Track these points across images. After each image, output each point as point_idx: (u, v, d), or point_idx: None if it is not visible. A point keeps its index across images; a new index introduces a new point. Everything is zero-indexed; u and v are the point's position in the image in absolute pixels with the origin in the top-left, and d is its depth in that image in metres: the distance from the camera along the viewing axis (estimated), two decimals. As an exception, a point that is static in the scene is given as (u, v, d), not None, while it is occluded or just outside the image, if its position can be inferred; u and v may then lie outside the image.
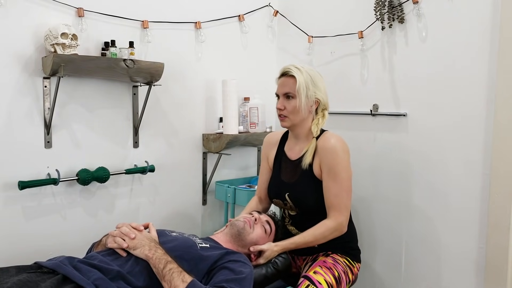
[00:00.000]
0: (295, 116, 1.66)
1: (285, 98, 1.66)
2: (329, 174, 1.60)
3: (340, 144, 1.62)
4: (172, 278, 1.22)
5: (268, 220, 1.65)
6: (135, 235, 1.34)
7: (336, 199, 1.60)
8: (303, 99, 1.63)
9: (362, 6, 2.17)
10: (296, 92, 1.63)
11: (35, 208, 1.84)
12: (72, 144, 1.91)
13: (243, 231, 1.56)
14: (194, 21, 2.26)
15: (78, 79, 1.90)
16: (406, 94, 2.05)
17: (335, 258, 1.67)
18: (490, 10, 1.75)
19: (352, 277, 1.70)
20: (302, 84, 1.62)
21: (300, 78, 1.62)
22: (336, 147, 1.61)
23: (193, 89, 2.31)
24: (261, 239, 1.59)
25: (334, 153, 1.60)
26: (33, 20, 1.75)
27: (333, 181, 1.60)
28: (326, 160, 1.61)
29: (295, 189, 1.68)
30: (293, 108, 1.64)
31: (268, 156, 1.85)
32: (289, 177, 1.71)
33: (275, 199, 1.77)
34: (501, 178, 1.74)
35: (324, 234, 1.61)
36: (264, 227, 1.62)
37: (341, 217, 1.61)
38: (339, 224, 1.61)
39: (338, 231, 1.63)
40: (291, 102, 1.64)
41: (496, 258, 1.77)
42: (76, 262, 1.25)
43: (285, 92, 1.66)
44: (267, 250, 1.57)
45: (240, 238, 1.55)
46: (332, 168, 1.60)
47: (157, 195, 2.23)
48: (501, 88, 1.72)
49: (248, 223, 1.59)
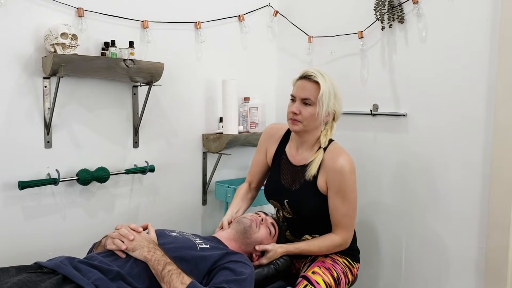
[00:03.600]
0: (309, 123, 1.58)
1: (302, 103, 1.57)
2: (337, 194, 1.58)
3: (348, 165, 1.57)
4: (171, 279, 1.21)
5: (273, 223, 1.67)
6: (133, 237, 1.34)
7: (344, 219, 1.60)
8: (324, 109, 1.56)
9: (362, 6, 2.17)
10: (316, 100, 1.54)
11: (35, 208, 1.84)
12: (72, 144, 1.91)
13: (249, 229, 1.57)
14: (194, 21, 2.26)
15: (78, 79, 1.90)
16: (406, 94, 2.05)
17: (334, 258, 1.67)
18: (490, 10, 1.75)
19: (352, 277, 1.70)
20: (326, 93, 1.54)
21: (324, 87, 1.54)
22: (345, 168, 1.56)
23: (193, 89, 2.31)
24: (265, 239, 1.60)
25: (342, 174, 1.56)
26: (33, 20, 1.75)
27: (342, 202, 1.58)
28: (334, 181, 1.58)
29: (296, 198, 1.65)
30: (310, 115, 1.56)
31: (267, 149, 1.79)
32: (290, 183, 1.68)
33: (272, 200, 1.76)
34: (501, 178, 1.74)
35: (328, 248, 1.63)
36: (269, 228, 1.63)
37: (348, 234, 1.62)
38: (344, 241, 1.63)
39: (342, 247, 1.64)
40: (308, 109, 1.56)
41: (496, 258, 1.77)
42: (76, 262, 1.24)
43: (305, 97, 1.56)
44: (271, 250, 1.57)
45: (245, 236, 1.56)
46: (341, 189, 1.57)
47: (157, 195, 2.23)
48: (501, 88, 1.72)
49: (254, 221, 1.60)
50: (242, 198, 1.83)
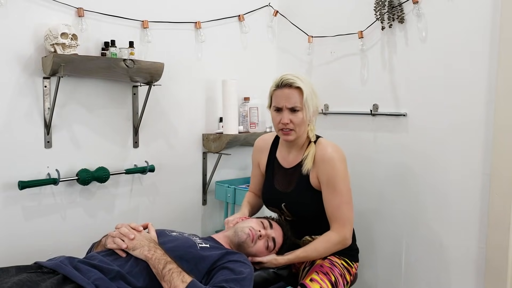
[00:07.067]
0: (300, 129, 1.58)
1: (290, 111, 1.56)
2: (328, 186, 1.57)
3: (337, 154, 1.58)
4: (171, 278, 1.21)
5: (274, 238, 1.57)
6: (134, 236, 1.34)
7: (338, 212, 1.57)
8: (311, 110, 1.57)
9: (362, 6, 2.17)
10: (302, 104, 1.54)
11: (35, 208, 1.84)
12: (72, 144, 1.91)
13: (243, 244, 1.52)
14: (194, 21, 2.26)
15: (78, 79, 1.90)
16: (406, 94, 2.05)
17: (333, 260, 1.64)
18: (490, 10, 1.75)
19: (350, 278, 1.68)
20: (309, 95, 1.55)
21: (306, 90, 1.54)
22: (334, 157, 1.57)
23: (193, 89, 2.31)
24: (260, 253, 1.55)
25: (332, 164, 1.56)
26: (33, 20, 1.75)
27: (333, 193, 1.57)
28: (323, 171, 1.57)
29: (292, 199, 1.65)
30: (300, 121, 1.56)
31: (259, 162, 1.81)
32: (284, 186, 1.68)
33: (271, 207, 1.76)
34: (501, 178, 1.74)
35: (326, 248, 1.59)
36: (268, 243, 1.56)
37: (344, 229, 1.58)
38: (342, 237, 1.58)
39: (341, 245, 1.60)
40: (298, 115, 1.55)
41: (496, 258, 1.77)
42: (76, 262, 1.25)
43: (293, 105, 1.54)
44: (266, 262, 1.55)
45: (239, 249, 1.53)
46: (331, 179, 1.56)
47: (157, 195, 2.23)
48: (501, 88, 1.72)
49: (251, 237, 1.53)
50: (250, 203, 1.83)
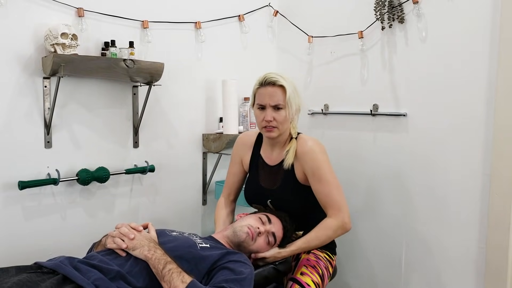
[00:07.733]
0: (283, 126, 1.64)
1: (273, 109, 1.61)
2: (313, 177, 1.62)
3: (316, 146, 1.65)
4: (171, 278, 1.21)
5: (274, 232, 1.58)
6: (134, 236, 1.34)
7: (329, 198, 1.61)
8: (294, 108, 1.62)
9: (362, 6, 2.17)
10: (285, 102, 1.60)
11: (35, 208, 1.84)
12: (72, 144, 1.91)
13: (243, 243, 1.53)
14: (194, 21, 2.26)
15: (78, 79, 1.90)
16: (406, 94, 2.05)
17: (317, 254, 1.68)
18: (490, 10, 1.75)
19: (332, 270, 1.72)
20: (291, 94, 1.60)
21: (289, 89, 1.60)
22: (314, 149, 1.63)
23: (193, 89, 2.31)
24: (262, 249, 1.56)
25: (313, 156, 1.62)
26: (33, 20, 1.75)
27: (320, 183, 1.61)
28: (307, 164, 1.62)
29: (277, 196, 1.68)
30: (283, 119, 1.61)
31: (242, 158, 1.83)
32: (270, 183, 1.71)
33: (255, 204, 1.77)
34: (501, 178, 1.74)
35: (328, 236, 1.62)
36: (268, 238, 1.56)
37: (341, 213, 1.60)
38: (341, 221, 1.60)
39: (342, 229, 1.62)
40: (281, 113, 1.61)
41: (496, 258, 1.77)
42: (76, 262, 1.24)
43: (276, 103, 1.60)
44: (269, 257, 1.56)
45: (239, 248, 1.53)
46: (316, 171, 1.61)
47: (157, 195, 2.23)
48: (501, 88, 1.72)
49: (250, 235, 1.53)
50: (224, 220, 1.81)
